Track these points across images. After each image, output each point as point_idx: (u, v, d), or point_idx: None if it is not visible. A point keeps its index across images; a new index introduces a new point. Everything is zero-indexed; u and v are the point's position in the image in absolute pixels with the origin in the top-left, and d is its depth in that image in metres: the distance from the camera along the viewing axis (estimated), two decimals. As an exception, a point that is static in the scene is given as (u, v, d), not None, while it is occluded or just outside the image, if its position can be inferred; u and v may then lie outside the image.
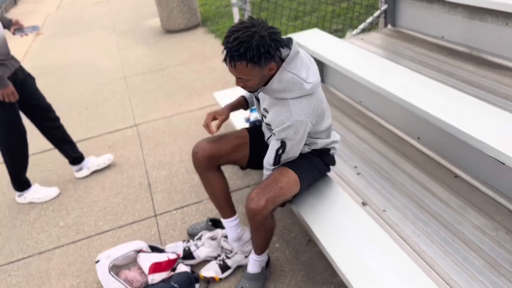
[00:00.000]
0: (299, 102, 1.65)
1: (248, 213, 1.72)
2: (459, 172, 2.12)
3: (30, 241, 2.63)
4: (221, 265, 2.12)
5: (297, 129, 1.66)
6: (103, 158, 3.23)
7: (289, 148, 1.74)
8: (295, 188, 1.82)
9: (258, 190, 1.73)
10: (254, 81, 1.61)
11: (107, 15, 8.76)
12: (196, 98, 4.23)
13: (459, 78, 2.48)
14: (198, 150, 1.96)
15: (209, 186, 2.03)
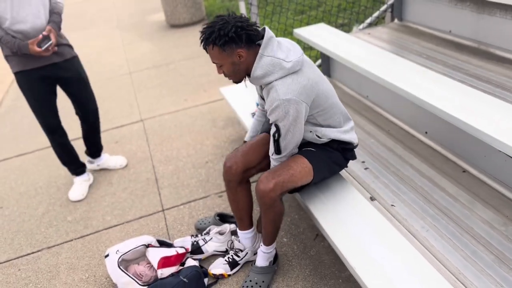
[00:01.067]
0: (283, 81, 1.68)
1: (257, 194, 1.77)
2: (467, 167, 2.12)
3: (39, 236, 2.65)
4: (230, 262, 2.13)
5: (285, 108, 1.65)
6: (116, 160, 3.18)
7: (284, 132, 1.72)
8: (307, 178, 1.82)
9: (268, 173, 1.76)
10: (227, 67, 1.71)
11: (111, 10, 8.76)
12: (202, 93, 4.23)
13: (467, 72, 2.47)
14: (232, 164, 1.95)
15: (235, 199, 2.03)
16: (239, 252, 2.14)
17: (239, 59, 1.68)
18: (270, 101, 1.69)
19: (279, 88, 1.66)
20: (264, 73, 1.69)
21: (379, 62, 2.49)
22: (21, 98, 4.90)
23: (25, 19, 2.39)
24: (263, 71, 1.68)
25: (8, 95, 5.11)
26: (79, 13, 9.02)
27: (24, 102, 4.75)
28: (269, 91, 1.70)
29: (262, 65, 1.68)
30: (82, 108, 2.80)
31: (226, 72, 1.73)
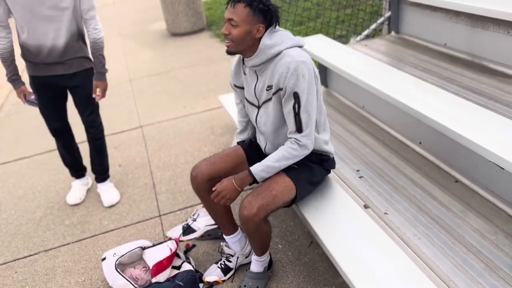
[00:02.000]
0: (293, 49, 1.73)
1: (240, 219, 1.76)
2: (460, 177, 2.16)
3: (36, 239, 2.67)
4: (222, 268, 2.15)
5: (302, 71, 1.67)
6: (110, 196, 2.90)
7: (304, 100, 1.70)
8: (290, 195, 1.83)
9: (251, 197, 1.75)
10: (240, 31, 1.68)
11: (113, 18, 8.84)
12: (201, 100, 4.28)
13: (461, 84, 2.52)
14: (197, 174, 1.96)
15: (210, 208, 2.05)
16: (230, 257, 2.17)
17: (255, 32, 1.70)
18: (285, 67, 1.69)
19: (291, 53, 1.71)
20: (274, 42, 1.73)
21: (376, 74, 2.54)
22: (22, 103, 4.94)
23: (42, 38, 2.41)
24: (273, 40, 1.73)
25: (9, 99, 5.15)
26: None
27: (24, 107, 4.79)
28: (278, 61, 1.73)
29: (272, 36, 1.74)
30: (84, 121, 2.75)
31: (236, 34, 1.68)
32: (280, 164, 1.80)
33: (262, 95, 1.84)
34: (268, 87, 1.80)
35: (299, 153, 1.79)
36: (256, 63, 1.77)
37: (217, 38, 6.38)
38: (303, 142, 1.77)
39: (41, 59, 2.48)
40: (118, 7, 10.03)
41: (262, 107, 1.87)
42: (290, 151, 1.78)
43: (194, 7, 6.63)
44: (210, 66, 5.25)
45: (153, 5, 9.55)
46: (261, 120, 1.90)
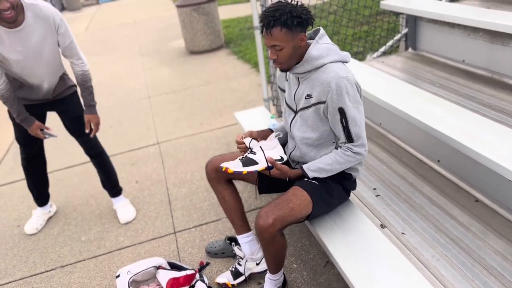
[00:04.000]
0: (338, 64, 1.75)
1: (256, 229, 1.76)
2: (480, 196, 2.10)
3: (53, 255, 2.70)
4: (233, 272, 2.18)
5: (346, 87, 1.69)
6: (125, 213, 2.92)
7: (350, 114, 1.72)
8: (307, 210, 1.82)
9: (268, 208, 1.76)
10: (287, 51, 1.70)
11: (133, 36, 9.04)
12: (218, 117, 4.31)
13: (480, 101, 2.47)
14: (209, 162, 2.11)
15: (221, 199, 2.13)
16: (240, 260, 2.16)
17: (299, 43, 1.72)
18: (328, 81, 1.71)
19: (336, 68, 1.73)
20: (320, 54, 1.74)
21: (393, 91, 2.52)
22: (43, 120, 5.05)
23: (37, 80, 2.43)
24: (319, 52, 1.74)
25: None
26: (104, 39, 9.34)
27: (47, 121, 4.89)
28: (321, 73, 1.74)
29: (319, 48, 1.75)
30: (80, 142, 2.76)
31: (284, 55, 1.71)
32: (333, 168, 1.82)
33: (301, 102, 1.86)
34: (307, 96, 1.81)
35: (353, 159, 1.81)
36: (300, 71, 1.80)
37: (234, 56, 6.45)
38: (356, 150, 1.79)
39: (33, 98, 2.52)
40: (138, 26, 10.26)
41: (299, 113, 1.89)
42: (343, 156, 1.80)
43: (212, 25, 6.73)
44: (227, 83, 5.30)
45: (172, 24, 9.74)
46: (296, 125, 1.91)
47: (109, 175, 2.91)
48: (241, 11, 9.88)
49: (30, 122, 2.49)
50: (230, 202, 2.11)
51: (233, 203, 2.12)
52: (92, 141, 2.75)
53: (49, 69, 2.44)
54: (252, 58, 6.01)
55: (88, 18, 13.57)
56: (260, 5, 3.11)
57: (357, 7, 6.54)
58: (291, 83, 1.93)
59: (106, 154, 2.88)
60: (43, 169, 2.88)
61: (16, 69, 2.35)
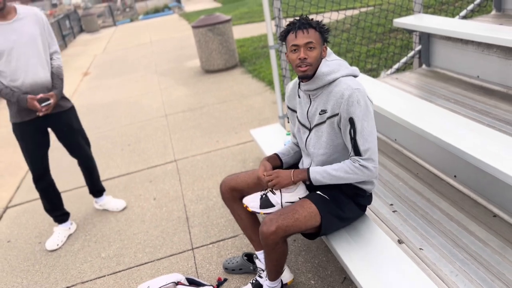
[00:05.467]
0: (350, 78, 1.81)
1: (260, 235, 1.81)
2: (498, 211, 2.09)
3: (74, 271, 2.75)
4: (254, 284, 2.20)
5: (357, 98, 1.73)
6: (117, 203, 3.34)
7: (359, 125, 1.75)
8: (313, 222, 1.84)
9: (273, 216, 1.80)
10: (317, 52, 1.77)
11: (150, 56, 9.24)
12: (233, 135, 4.36)
13: (495, 117, 2.48)
14: (223, 183, 2.17)
15: (236, 217, 2.18)
16: (261, 272, 2.18)
17: (323, 53, 1.82)
18: (340, 94, 1.76)
19: (347, 81, 1.78)
20: (331, 70, 1.81)
21: (407, 107, 2.54)
22: (63, 139, 5.17)
23: (24, 76, 2.65)
24: (330, 68, 1.81)
25: (51, 135, 5.41)
26: (121, 59, 9.57)
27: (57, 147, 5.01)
28: (333, 87, 1.80)
29: (329, 64, 1.83)
30: (73, 153, 3.07)
31: (314, 56, 1.77)
32: (337, 174, 1.81)
33: (315, 118, 1.90)
34: (321, 111, 1.86)
35: (361, 172, 1.80)
36: (312, 88, 1.85)
37: (248, 74, 6.54)
38: (364, 164, 1.79)
39: None
40: (154, 46, 10.49)
41: (313, 130, 1.93)
42: (350, 166, 1.80)
43: (227, 45, 6.85)
44: (242, 101, 5.37)
45: (187, 44, 9.94)
46: (311, 142, 1.95)
47: (96, 181, 3.26)
48: (255, 30, 10.04)
49: (24, 98, 2.65)
50: (246, 220, 2.16)
51: (249, 220, 2.16)
52: (82, 151, 3.06)
53: (42, 60, 2.71)
54: (266, 76, 6.09)
55: (106, 39, 13.92)
56: (275, 25, 3.18)
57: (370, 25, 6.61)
58: (302, 102, 1.96)
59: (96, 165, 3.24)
60: (53, 187, 3.03)
61: (12, 62, 2.59)
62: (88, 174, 3.21)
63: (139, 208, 3.33)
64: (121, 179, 3.85)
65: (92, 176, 3.23)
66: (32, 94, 2.69)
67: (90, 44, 13.49)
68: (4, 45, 2.56)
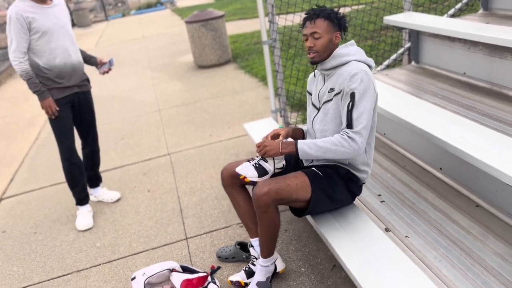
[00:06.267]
0: (360, 63, 1.94)
1: (252, 198, 1.90)
2: (480, 202, 2.19)
3: (69, 260, 2.80)
4: (246, 271, 2.27)
5: (362, 77, 1.86)
6: (111, 194, 3.43)
7: (357, 99, 1.85)
8: (304, 192, 1.92)
9: (266, 181, 1.90)
10: (323, 41, 1.93)
11: (142, 52, 9.25)
12: (226, 129, 4.43)
13: (480, 112, 2.57)
14: (224, 170, 2.26)
15: (235, 203, 2.26)
16: (254, 260, 2.25)
17: (334, 40, 1.96)
18: (348, 72, 1.90)
19: (358, 64, 1.92)
20: (348, 53, 1.96)
21: (397, 102, 2.63)
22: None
23: (60, 57, 2.88)
24: (348, 51, 1.97)
25: (45, 128, 5.43)
26: (114, 54, 9.56)
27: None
28: (345, 68, 1.94)
29: (348, 48, 1.98)
30: (85, 134, 3.24)
31: (320, 44, 1.93)
32: (324, 145, 1.86)
33: (324, 97, 2.02)
34: (330, 90, 1.98)
35: (347, 144, 1.85)
36: (327, 67, 2.00)
37: (241, 70, 6.60)
38: (351, 136, 1.85)
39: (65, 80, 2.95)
40: (147, 41, 10.49)
41: (322, 108, 2.04)
42: (338, 138, 1.86)
43: (220, 41, 6.90)
44: (235, 96, 5.43)
45: (180, 39, 9.96)
46: (317, 120, 2.06)
47: (97, 169, 3.38)
48: (247, 26, 10.09)
49: (45, 95, 2.85)
50: (244, 207, 2.23)
51: (246, 208, 2.23)
52: (92, 131, 3.26)
53: (73, 44, 2.99)
54: (259, 72, 6.15)
55: (98, 34, 13.87)
56: (268, 21, 3.25)
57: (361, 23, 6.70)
58: (318, 84, 2.11)
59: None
60: (80, 166, 3.16)
61: (52, 43, 2.83)
62: (92, 159, 3.32)
63: (133, 200, 3.38)
64: (115, 172, 3.90)
65: (95, 162, 3.35)
66: (64, 74, 2.92)
67: (81, 38, 13.43)
68: (47, 26, 2.79)
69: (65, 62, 2.91)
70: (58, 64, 2.87)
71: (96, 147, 3.33)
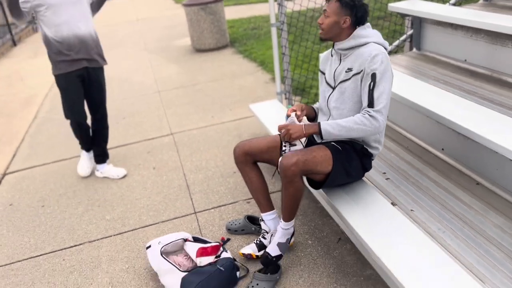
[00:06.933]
0: (379, 46, 2.03)
1: (280, 168, 1.98)
2: (481, 180, 2.32)
3: (80, 231, 2.87)
4: (257, 244, 2.37)
5: (382, 59, 1.96)
6: (117, 170, 3.50)
7: (378, 79, 1.95)
8: (326, 165, 2.03)
9: (294, 152, 1.98)
10: (330, 21, 2.04)
11: (138, 34, 9.21)
12: (228, 111, 4.50)
13: (481, 96, 2.69)
14: (237, 147, 2.34)
15: (247, 179, 2.35)
16: (265, 234, 2.35)
17: (342, 23, 2.04)
18: (368, 53, 1.99)
19: (377, 46, 2.01)
20: (367, 34, 2.05)
21: (399, 84, 2.73)
22: (55, 110, 5.21)
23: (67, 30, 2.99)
24: (367, 33, 2.06)
25: (43, 107, 5.43)
26: (109, 36, 9.50)
27: (57, 114, 5.06)
28: (364, 48, 2.03)
29: (367, 30, 2.07)
30: (94, 109, 3.34)
31: (327, 23, 2.05)
32: (347, 124, 1.98)
33: (340, 76, 2.11)
34: (348, 70, 2.07)
35: (369, 123, 1.96)
36: (344, 46, 2.08)
37: (239, 55, 6.65)
38: (373, 114, 1.96)
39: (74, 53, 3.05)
40: (141, 24, 10.43)
41: (337, 88, 2.14)
42: (360, 117, 1.97)
43: (218, 25, 6.93)
44: (234, 80, 5.49)
45: (175, 23, 9.93)
46: (333, 99, 2.15)
47: (104, 144, 3.50)
48: (243, 12, 10.10)
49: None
50: (256, 183, 2.33)
51: (259, 184, 2.33)
52: (101, 108, 3.37)
53: (85, 17, 3.07)
54: (258, 57, 6.21)
55: (90, 16, 13.69)
56: (278, 4, 3.32)
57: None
58: (332, 63, 2.19)
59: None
60: (88, 134, 3.45)
61: (59, 17, 2.94)
62: (100, 135, 3.45)
63: (139, 176, 3.45)
64: (120, 150, 3.95)
65: (104, 139, 3.48)
66: (72, 46, 3.03)
67: (74, 20, 13.23)
68: (55, 1, 2.91)
69: (73, 34, 3.01)
70: (65, 36, 2.99)
71: (105, 123, 3.42)
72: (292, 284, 2.21)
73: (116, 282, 2.39)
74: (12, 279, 2.52)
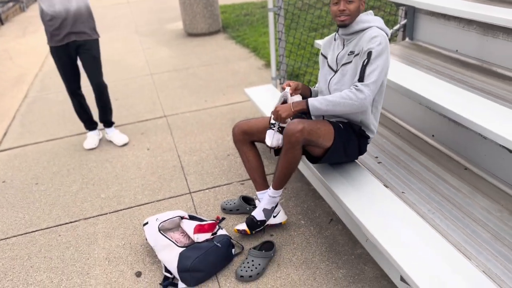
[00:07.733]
0: (380, 30, 2.09)
1: (285, 134, 2.03)
2: (469, 165, 2.41)
3: (75, 209, 2.90)
4: None
5: (381, 40, 2.02)
6: (121, 137, 3.70)
7: (373, 57, 2.00)
8: (328, 139, 2.10)
9: (300, 120, 2.04)
10: (355, 5, 2.09)
11: (129, 16, 9.12)
12: (221, 96, 4.53)
13: (471, 85, 2.77)
14: (236, 126, 2.42)
15: (245, 158, 2.43)
16: None
17: (361, 7, 2.14)
18: (369, 35, 2.06)
19: (378, 30, 2.08)
20: (370, 20, 2.13)
21: (392, 71, 2.80)
22: (46, 89, 5.18)
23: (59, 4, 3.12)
24: (369, 17, 2.14)
25: (33, 86, 5.39)
26: (99, 18, 9.38)
27: (49, 93, 5.03)
28: (367, 31, 2.10)
29: (369, 16, 2.15)
30: (90, 80, 3.47)
31: (352, 8, 2.09)
32: (333, 99, 2.02)
33: (343, 59, 2.18)
34: (350, 53, 2.14)
35: (354, 96, 1.99)
36: (349, 31, 2.15)
37: (232, 40, 6.65)
38: (360, 88, 1.99)
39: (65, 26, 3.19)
40: (132, 6, 10.31)
41: (339, 70, 2.20)
42: (346, 92, 2.02)
43: (211, 9, 6.91)
44: (227, 65, 5.51)
45: (167, 6, 9.84)
46: (334, 81, 2.22)
47: (106, 111, 3.67)
48: (236, -2, 10.05)
49: None
50: (253, 162, 2.39)
51: (256, 163, 2.39)
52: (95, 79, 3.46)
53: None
54: (250, 43, 6.23)
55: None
56: (275, -11, 3.34)
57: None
58: (335, 48, 2.25)
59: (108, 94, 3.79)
60: (83, 102, 3.62)
61: None
62: (101, 102, 3.60)
63: (133, 157, 3.48)
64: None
65: (104, 107, 3.64)
66: (65, 19, 3.17)
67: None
68: None
69: (64, 8, 3.15)
70: (57, 9, 3.14)
71: (103, 90, 3.54)
72: (286, 261, 2.29)
73: (112, 258, 2.43)
74: (8, 253, 2.54)
